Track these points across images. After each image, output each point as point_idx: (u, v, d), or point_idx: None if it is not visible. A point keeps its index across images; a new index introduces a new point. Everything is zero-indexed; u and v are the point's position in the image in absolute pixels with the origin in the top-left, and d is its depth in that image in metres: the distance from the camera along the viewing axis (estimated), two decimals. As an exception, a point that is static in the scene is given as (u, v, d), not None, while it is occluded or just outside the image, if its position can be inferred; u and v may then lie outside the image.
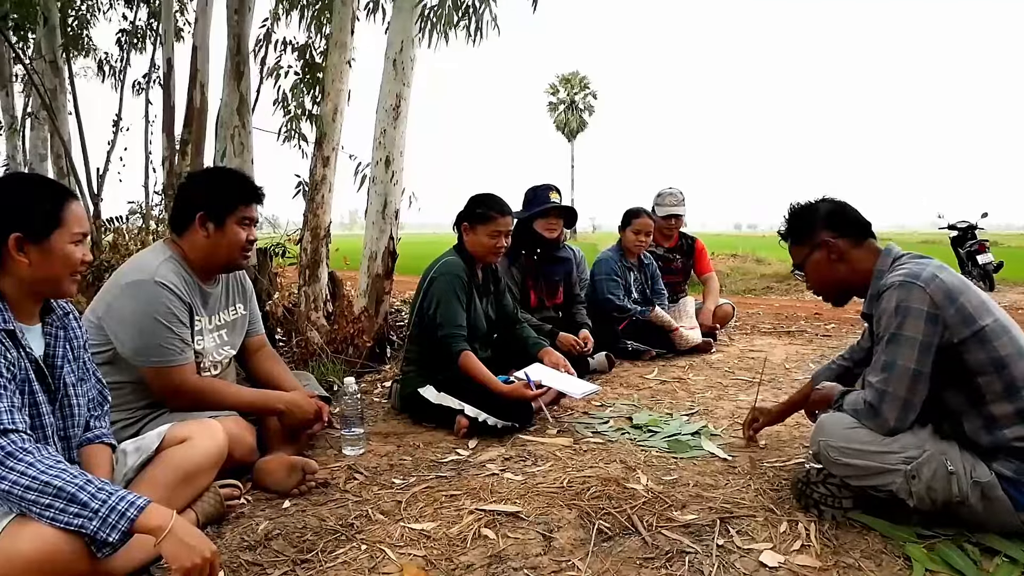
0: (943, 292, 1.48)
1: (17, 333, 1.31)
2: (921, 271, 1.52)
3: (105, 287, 1.89)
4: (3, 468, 1.17)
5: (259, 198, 2.00)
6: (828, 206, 1.75)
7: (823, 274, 1.75)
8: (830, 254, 1.70)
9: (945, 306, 1.47)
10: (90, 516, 1.17)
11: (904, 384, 1.49)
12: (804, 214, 1.77)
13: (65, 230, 1.33)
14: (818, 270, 1.75)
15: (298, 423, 2.03)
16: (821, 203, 1.76)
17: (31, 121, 7.65)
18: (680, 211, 4.33)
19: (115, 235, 5.17)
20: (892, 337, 1.51)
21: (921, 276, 1.51)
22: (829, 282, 1.76)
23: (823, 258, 1.72)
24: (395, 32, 3.65)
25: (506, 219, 2.60)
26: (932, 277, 1.50)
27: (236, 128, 3.99)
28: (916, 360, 1.48)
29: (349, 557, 1.49)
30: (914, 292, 1.49)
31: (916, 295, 1.48)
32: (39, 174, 1.52)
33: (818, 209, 1.75)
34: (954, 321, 1.47)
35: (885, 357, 1.52)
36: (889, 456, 1.50)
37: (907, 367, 1.48)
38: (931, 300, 1.47)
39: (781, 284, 8.83)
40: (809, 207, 1.77)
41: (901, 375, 1.49)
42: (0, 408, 1.22)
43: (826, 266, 1.72)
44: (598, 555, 1.49)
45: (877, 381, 1.53)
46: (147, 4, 7.53)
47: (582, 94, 44.63)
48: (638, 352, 3.81)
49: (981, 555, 1.44)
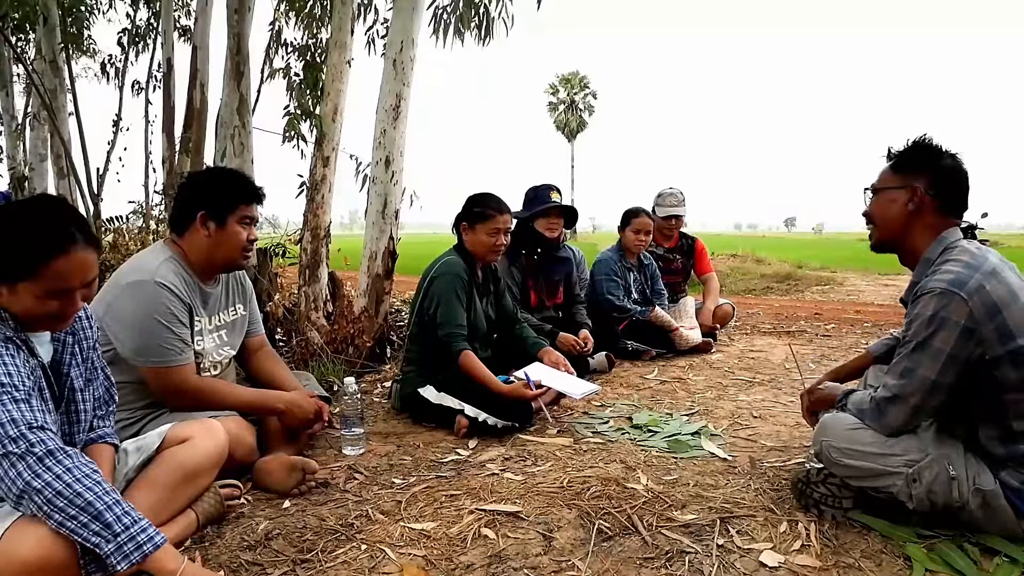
0: (985, 306, 1.39)
1: (29, 340, 1.31)
2: (968, 279, 1.41)
3: (105, 287, 1.88)
4: (42, 465, 1.17)
5: (260, 198, 2.00)
6: (949, 162, 1.58)
7: (889, 213, 1.61)
8: (911, 200, 1.57)
9: (984, 321, 1.39)
10: (108, 538, 1.17)
11: (920, 393, 1.45)
12: (923, 152, 1.61)
13: (39, 285, 1.23)
14: (889, 206, 1.61)
15: (298, 423, 2.03)
16: (947, 156, 1.59)
17: (31, 121, 7.65)
18: (680, 212, 4.33)
19: (115, 235, 5.17)
20: (920, 344, 1.44)
21: (966, 286, 1.40)
22: (887, 222, 1.63)
23: (901, 200, 1.58)
24: (395, 32, 3.66)
25: (504, 217, 2.61)
26: (978, 288, 1.40)
27: (236, 128, 3.99)
28: (938, 372, 1.42)
29: (349, 557, 1.49)
30: (954, 304, 1.40)
31: (955, 307, 1.40)
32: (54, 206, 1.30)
33: (939, 158, 1.59)
34: (991, 338, 1.39)
35: (907, 363, 1.47)
36: (891, 459, 1.49)
37: (927, 377, 1.44)
38: (970, 314, 1.39)
39: (781, 284, 8.83)
40: (934, 150, 1.60)
41: (920, 384, 1.45)
42: (34, 407, 1.22)
43: (898, 209, 1.59)
44: (598, 555, 1.49)
45: (894, 385, 1.49)
46: (147, 5, 7.53)
47: (582, 94, 44.66)
48: (638, 352, 3.81)
49: (981, 555, 1.43)
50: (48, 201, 1.31)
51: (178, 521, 1.55)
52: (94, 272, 1.30)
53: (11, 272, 1.22)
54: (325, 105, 3.84)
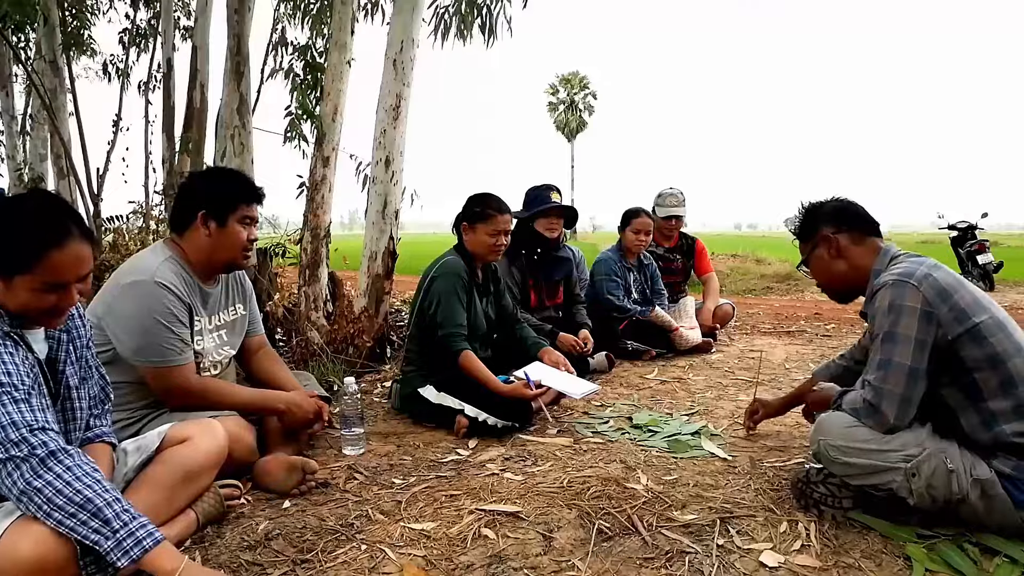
0: (936, 290, 1.50)
1: (25, 337, 1.31)
2: (915, 270, 1.54)
3: (105, 287, 1.88)
4: (44, 466, 1.18)
5: (260, 198, 2.00)
6: (833, 204, 1.79)
7: (824, 270, 1.78)
8: (829, 250, 1.74)
9: (938, 304, 1.49)
10: (108, 535, 1.17)
11: (901, 381, 1.50)
12: (810, 211, 1.81)
13: (36, 279, 1.23)
14: (819, 266, 1.78)
15: (298, 423, 2.03)
16: (828, 202, 1.80)
17: (31, 121, 7.65)
18: (680, 212, 4.33)
19: (115, 235, 5.16)
20: (887, 335, 1.52)
21: (914, 275, 1.53)
22: (830, 278, 1.78)
23: (823, 254, 1.76)
24: (395, 32, 3.66)
25: (505, 217, 2.61)
26: (925, 276, 1.52)
27: (236, 128, 3.98)
28: (912, 357, 1.49)
29: (349, 557, 1.49)
30: (907, 291, 1.51)
31: (909, 294, 1.51)
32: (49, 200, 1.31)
33: (823, 206, 1.79)
34: (948, 319, 1.49)
35: (881, 355, 1.53)
36: (889, 454, 1.50)
37: (903, 364, 1.50)
38: (924, 298, 1.49)
39: (781, 284, 8.82)
40: (816, 205, 1.81)
41: (898, 372, 1.50)
42: (34, 407, 1.22)
43: (826, 262, 1.76)
44: (598, 555, 1.49)
45: (874, 379, 1.54)
46: (147, 5, 7.53)
47: (582, 94, 44.63)
48: (638, 352, 3.81)
49: (981, 555, 1.43)
50: (42, 195, 1.33)
51: (178, 521, 1.54)
52: (89, 266, 1.31)
53: (7, 266, 1.23)
54: (325, 105, 3.84)
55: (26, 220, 1.23)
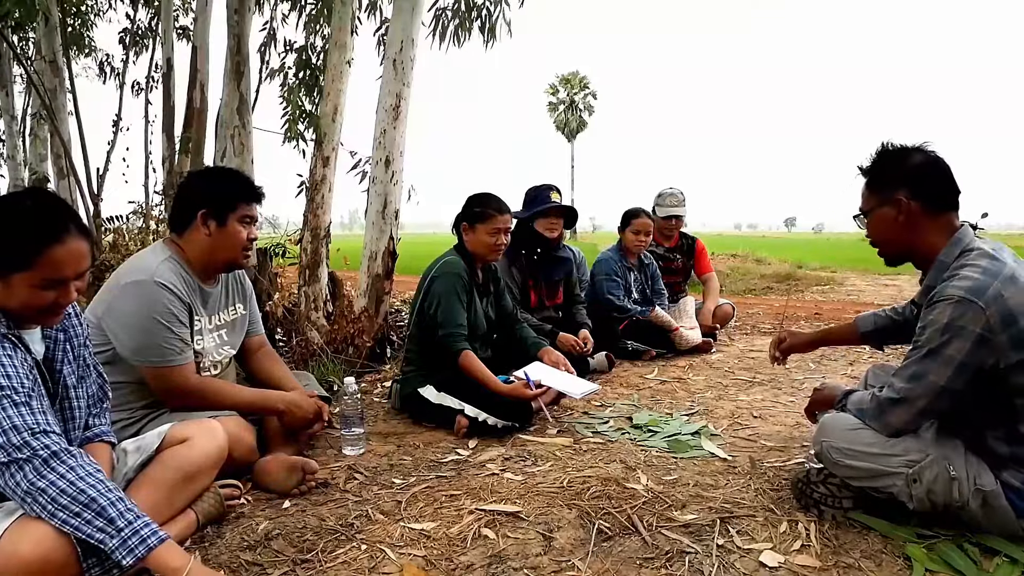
0: (1002, 315, 1.35)
1: (23, 337, 1.31)
2: (987, 286, 1.37)
3: (105, 287, 1.88)
4: (46, 467, 1.18)
5: (260, 197, 2.00)
6: (919, 159, 1.54)
7: (884, 230, 1.59)
8: (899, 215, 1.54)
9: (999, 331, 1.35)
10: (112, 533, 1.17)
11: (928, 398, 1.43)
12: (891, 161, 1.58)
13: (34, 276, 1.23)
14: (881, 225, 1.59)
15: (298, 423, 2.03)
16: (914, 153, 1.55)
17: (31, 121, 7.65)
18: (680, 212, 4.33)
19: (115, 235, 5.17)
20: (932, 352, 1.41)
21: (985, 295, 1.36)
22: (888, 241, 1.61)
23: (890, 216, 1.55)
24: (395, 32, 3.65)
25: (505, 217, 2.61)
26: (996, 297, 1.36)
27: (236, 128, 3.99)
28: (948, 379, 1.40)
29: (349, 557, 1.49)
30: (971, 313, 1.36)
31: (972, 316, 1.36)
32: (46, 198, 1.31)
33: (907, 160, 1.55)
34: (1004, 347, 1.36)
35: (917, 368, 1.44)
36: (891, 459, 1.49)
37: (936, 383, 1.41)
38: (987, 322, 1.35)
39: (781, 284, 8.83)
40: (900, 154, 1.57)
41: (928, 389, 1.43)
42: (35, 409, 1.22)
43: (891, 225, 1.56)
44: (598, 555, 1.49)
45: (902, 388, 1.47)
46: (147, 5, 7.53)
47: (582, 94, 44.67)
48: (638, 352, 3.81)
49: (981, 555, 1.43)
50: (39, 193, 1.33)
51: (178, 521, 1.54)
52: (88, 262, 1.31)
53: (6, 264, 1.23)
54: (325, 105, 3.84)
55: (25, 217, 1.23)
